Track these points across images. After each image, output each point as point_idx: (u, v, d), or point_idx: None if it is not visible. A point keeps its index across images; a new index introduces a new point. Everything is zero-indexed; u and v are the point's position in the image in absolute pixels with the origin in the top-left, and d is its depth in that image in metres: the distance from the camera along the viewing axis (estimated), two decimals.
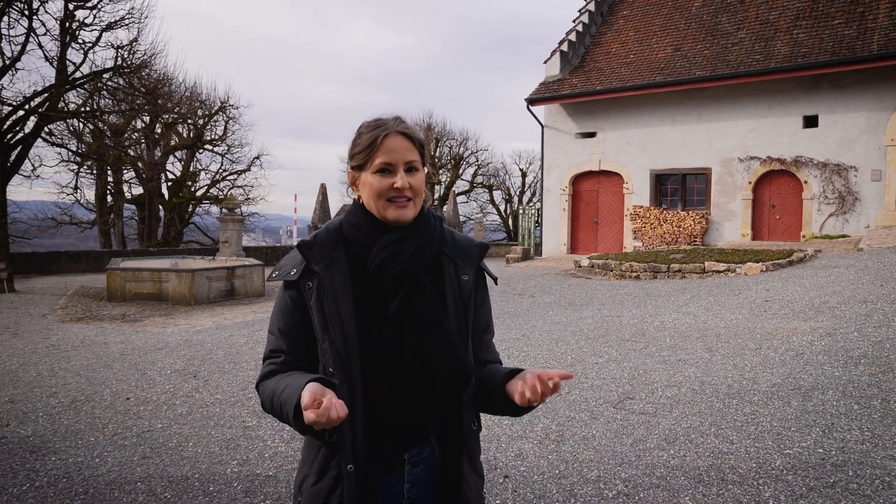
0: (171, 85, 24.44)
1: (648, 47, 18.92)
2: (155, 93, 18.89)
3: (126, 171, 27.48)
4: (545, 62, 19.66)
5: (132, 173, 27.60)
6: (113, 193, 27.55)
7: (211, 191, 30.12)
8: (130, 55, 14.96)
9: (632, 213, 18.47)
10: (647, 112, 18.17)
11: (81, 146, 23.33)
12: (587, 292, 10.82)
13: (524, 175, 38.22)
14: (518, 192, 38.87)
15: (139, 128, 26.45)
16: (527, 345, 6.83)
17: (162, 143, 28.09)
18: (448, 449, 1.45)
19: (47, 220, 26.89)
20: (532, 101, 19.37)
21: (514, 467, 3.66)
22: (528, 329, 7.71)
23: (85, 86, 15.07)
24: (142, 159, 26.76)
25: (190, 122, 28.33)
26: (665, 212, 17.89)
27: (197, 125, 28.44)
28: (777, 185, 16.70)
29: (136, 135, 26.81)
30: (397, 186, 1.41)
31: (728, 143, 17.11)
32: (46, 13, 13.64)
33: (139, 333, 8.86)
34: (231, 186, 30.42)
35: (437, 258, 1.49)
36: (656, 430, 4.16)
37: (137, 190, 27.95)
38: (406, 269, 1.42)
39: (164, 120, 26.78)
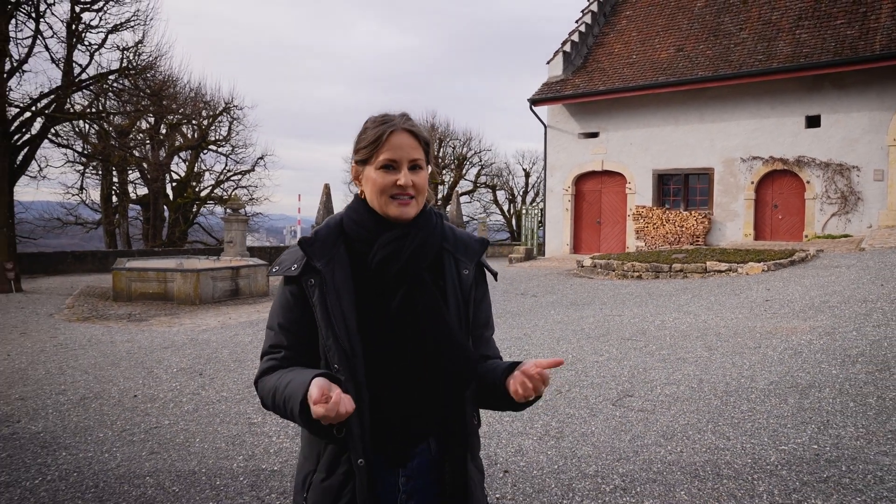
0: (175, 86, 24.61)
1: (651, 47, 18.97)
2: (160, 94, 19.04)
3: (131, 172, 27.66)
4: (548, 62, 19.71)
5: (137, 174, 27.80)
6: (118, 194, 27.74)
7: (215, 191, 30.28)
8: (136, 57, 15.11)
9: (634, 214, 18.52)
10: (650, 112, 18.21)
11: (87, 147, 23.50)
12: (589, 292, 10.88)
13: (527, 175, 38.33)
14: (521, 193, 38.97)
15: (144, 129, 26.63)
16: (528, 343, 6.90)
17: (167, 144, 28.25)
18: (451, 445, 1.45)
19: (53, 220, 27.05)
20: (535, 102, 19.44)
21: (514, 462, 3.73)
22: (530, 328, 7.78)
23: (91, 87, 15.21)
24: (147, 160, 26.92)
25: (194, 122, 28.48)
26: (668, 212, 17.93)
27: (201, 126, 28.59)
28: (779, 185, 16.73)
29: (141, 135, 27.01)
30: (400, 184, 1.40)
31: (730, 143, 17.14)
32: (53, 16, 13.89)
33: (145, 333, 8.96)
34: (235, 187, 30.59)
35: (437, 253, 1.48)
36: (654, 426, 4.23)
37: (142, 190, 28.15)
38: (407, 267, 1.41)
39: (168, 121, 26.94)
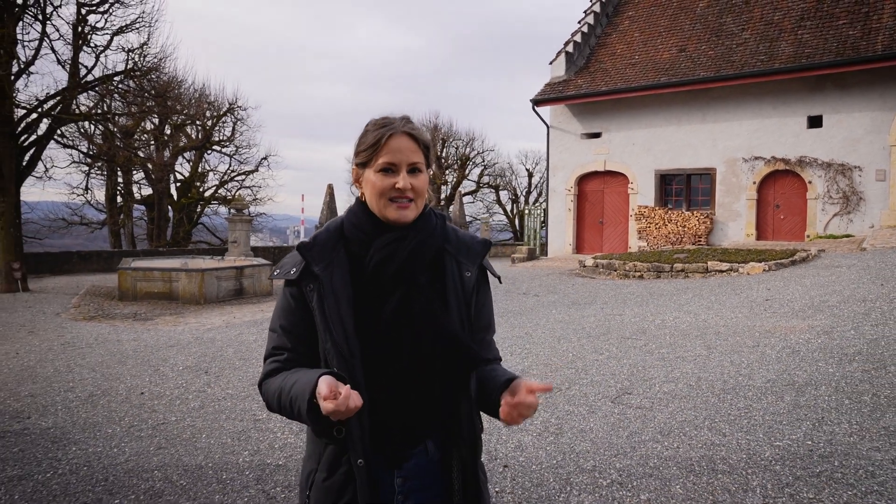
0: (180, 87, 24.76)
1: (653, 48, 19.02)
2: (165, 95, 19.16)
3: (136, 172, 27.83)
4: (550, 63, 19.77)
5: (142, 174, 27.95)
6: (123, 194, 27.90)
7: (219, 191, 30.42)
8: (141, 58, 15.22)
9: (637, 214, 18.57)
10: (652, 112, 18.26)
11: (92, 148, 23.65)
12: (590, 291, 10.95)
13: (530, 175, 38.39)
14: (524, 193, 39.05)
15: (149, 129, 26.80)
16: (529, 342, 6.98)
17: (171, 145, 28.41)
18: (459, 449, 1.45)
19: (58, 220, 27.26)
20: (537, 102, 19.51)
21: (514, 458, 3.81)
22: (531, 327, 7.85)
23: (96, 88, 15.34)
24: (151, 160, 27.08)
25: (199, 123, 28.64)
26: (670, 212, 17.98)
27: (205, 126, 28.74)
28: (781, 186, 16.76)
29: (146, 136, 27.18)
30: (399, 187, 1.40)
31: (732, 144, 17.18)
32: (60, 18, 14.02)
33: (151, 331, 9.07)
34: (239, 187, 30.73)
35: (439, 255, 1.48)
36: (652, 423, 4.30)
37: (147, 190, 28.29)
38: (403, 269, 1.41)
39: (173, 121, 27.10)
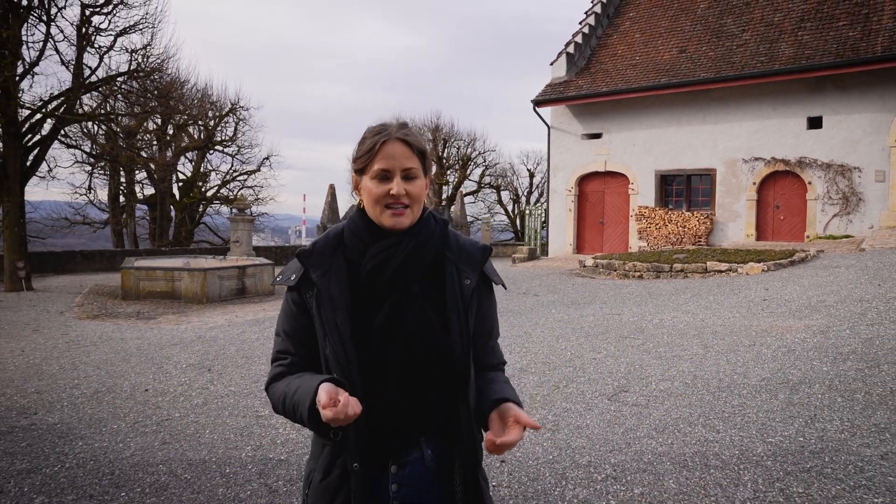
0: (183, 87, 24.88)
1: (654, 49, 19.08)
2: (167, 95, 19.27)
3: (138, 172, 27.95)
4: (551, 64, 19.85)
5: (144, 174, 28.09)
6: (125, 194, 28.03)
7: (221, 191, 30.56)
8: (144, 59, 15.33)
9: (637, 214, 18.64)
10: (653, 113, 18.33)
11: (95, 147, 23.78)
12: (590, 291, 11.02)
13: (532, 175, 38.46)
14: (525, 193, 39.13)
15: (151, 129, 26.92)
16: (528, 341, 7.05)
17: (173, 145, 28.55)
18: (461, 457, 1.45)
19: (61, 219, 27.39)
20: (538, 103, 19.58)
21: (511, 453, 3.89)
22: (531, 326, 7.93)
23: (100, 89, 15.45)
24: (154, 160, 27.21)
25: (201, 123, 28.77)
26: (670, 212, 18.04)
27: (208, 126, 28.87)
28: (781, 186, 16.82)
29: (149, 136, 27.31)
30: (393, 193, 1.41)
31: (733, 144, 17.25)
32: (64, 19, 14.05)
33: (154, 330, 9.16)
34: (241, 187, 30.86)
35: (439, 262, 1.47)
36: (647, 420, 4.38)
37: (149, 190, 28.43)
38: (397, 276, 1.41)
39: (175, 121, 27.23)
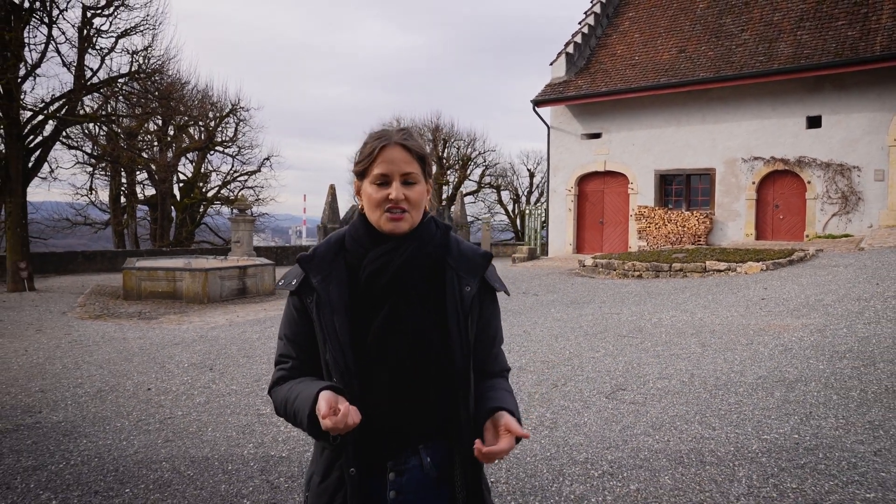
0: (183, 89, 24.94)
1: (653, 49, 19.13)
2: (168, 96, 19.33)
3: (139, 173, 28.04)
4: (551, 64, 19.89)
5: (145, 175, 28.17)
6: (126, 194, 28.12)
7: (222, 192, 30.62)
8: (145, 61, 15.38)
9: (637, 214, 18.68)
10: (652, 113, 18.37)
11: (96, 148, 23.86)
12: (589, 291, 11.07)
13: (532, 175, 38.49)
14: (526, 193, 39.16)
15: (152, 130, 27.00)
16: (528, 340, 7.11)
17: (174, 145, 28.61)
18: (459, 459, 1.46)
19: (62, 220, 27.50)
20: (538, 103, 19.63)
21: None
22: (530, 325, 7.98)
23: (101, 90, 15.51)
24: (155, 161, 27.28)
25: (201, 124, 28.83)
26: (670, 212, 18.09)
27: (208, 127, 28.93)
28: (780, 186, 16.87)
29: (149, 137, 27.38)
30: (391, 197, 1.41)
31: (732, 144, 17.29)
32: (65, 21, 14.14)
33: (156, 330, 9.21)
34: (242, 187, 30.93)
35: (440, 269, 1.47)
36: (644, 417, 4.43)
37: (150, 191, 28.51)
38: (396, 280, 1.42)
39: (176, 122, 27.29)
